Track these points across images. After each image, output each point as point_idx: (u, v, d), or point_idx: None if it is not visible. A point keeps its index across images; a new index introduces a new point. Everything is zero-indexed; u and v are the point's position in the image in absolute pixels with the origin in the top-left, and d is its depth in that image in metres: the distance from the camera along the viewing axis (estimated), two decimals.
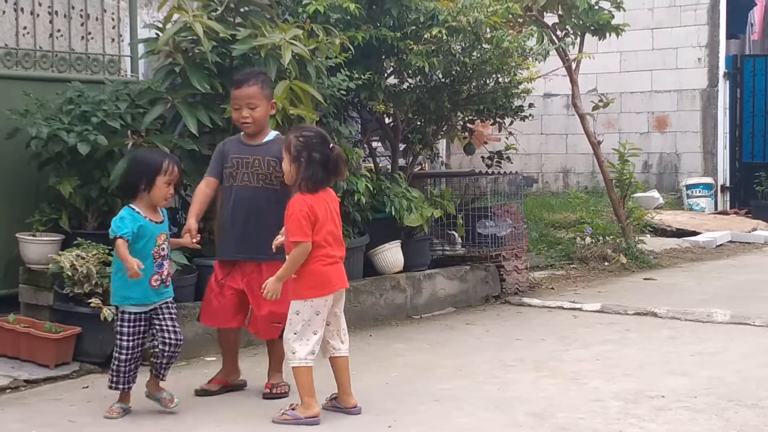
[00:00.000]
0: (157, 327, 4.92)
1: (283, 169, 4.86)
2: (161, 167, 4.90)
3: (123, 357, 4.84)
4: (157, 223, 4.94)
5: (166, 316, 4.93)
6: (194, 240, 5.09)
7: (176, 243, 5.17)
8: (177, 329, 4.96)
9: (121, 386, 4.89)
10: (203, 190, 5.28)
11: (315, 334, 4.83)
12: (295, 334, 4.79)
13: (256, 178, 5.20)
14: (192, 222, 5.12)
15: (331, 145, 4.86)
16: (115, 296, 4.91)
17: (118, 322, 4.88)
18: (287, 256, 4.82)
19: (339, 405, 4.95)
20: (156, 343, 4.94)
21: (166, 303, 4.97)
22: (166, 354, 4.91)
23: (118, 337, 4.86)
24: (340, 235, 4.96)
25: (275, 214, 5.06)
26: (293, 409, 4.79)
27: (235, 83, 5.29)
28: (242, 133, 5.36)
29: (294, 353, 4.79)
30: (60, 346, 5.70)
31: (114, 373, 4.88)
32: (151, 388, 5.01)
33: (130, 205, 4.91)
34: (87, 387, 5.47)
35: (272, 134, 5.33)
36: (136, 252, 4.78)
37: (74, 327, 5.77)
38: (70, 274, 5.79)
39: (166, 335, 4.91)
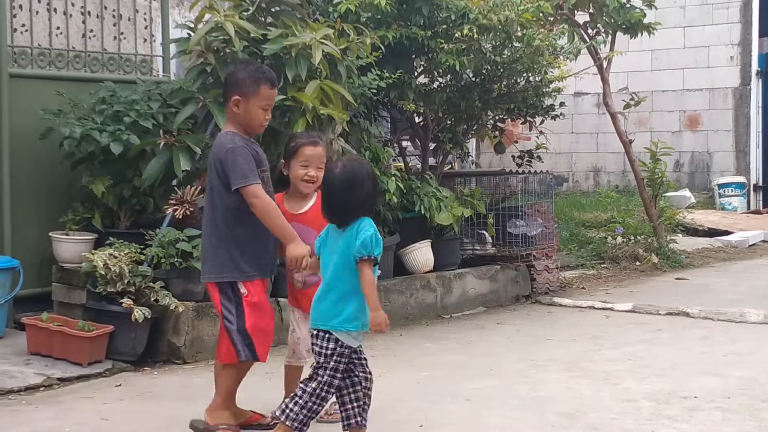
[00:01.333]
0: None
1: (318, 176, 4.66)
2: None
3: (324, 395, 4.03)
4: None
5: (363, 357, 4.18)
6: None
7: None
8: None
9: (304, 428, 4.07)
10: (275, 204, 4.52)
11: None
12: None
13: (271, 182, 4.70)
14: None
15: None
16: (353, 321, 4.03)
17: (336, 357, 4.02)
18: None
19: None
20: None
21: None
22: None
23: (331, 373, 4.01)
24: None
25: None
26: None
27: (272, 82, 4.62)
28: (234, 131, 4.55)
29: None
30: (93, 344, 5.75)
31: (305, 411, 4.01)
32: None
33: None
34: (120, 385, 5.50)
35: None
36: None
37: (107, 325, 5.81)
38: (102, 272, 5.83)
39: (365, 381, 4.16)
